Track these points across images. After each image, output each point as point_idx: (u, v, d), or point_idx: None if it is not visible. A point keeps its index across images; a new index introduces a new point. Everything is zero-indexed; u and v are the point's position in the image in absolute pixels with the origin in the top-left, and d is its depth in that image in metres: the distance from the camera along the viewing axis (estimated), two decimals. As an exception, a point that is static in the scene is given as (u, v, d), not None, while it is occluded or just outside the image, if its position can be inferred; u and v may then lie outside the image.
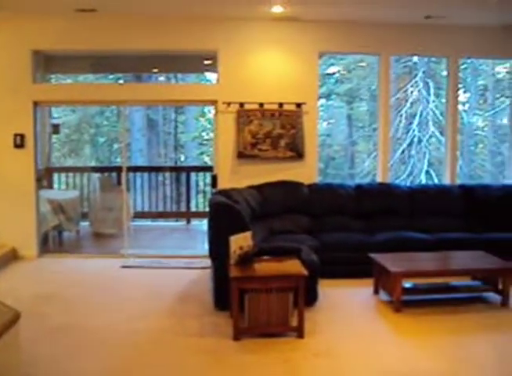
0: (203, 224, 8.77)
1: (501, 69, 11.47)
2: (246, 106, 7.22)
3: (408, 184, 8.21)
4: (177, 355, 4.25)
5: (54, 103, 8.45)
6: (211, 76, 10.28)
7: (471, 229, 6.98)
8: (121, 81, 11.45)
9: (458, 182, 7.99)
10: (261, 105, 7.23)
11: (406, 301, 5.31)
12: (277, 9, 6.69)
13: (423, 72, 11.38)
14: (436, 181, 10.65)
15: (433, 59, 10.81)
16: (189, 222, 10.42)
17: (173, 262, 7.15)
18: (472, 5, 6.48)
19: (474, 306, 5.44)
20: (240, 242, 4.71)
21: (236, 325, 4.49)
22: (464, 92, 11.87)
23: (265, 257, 4.99)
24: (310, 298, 5.13)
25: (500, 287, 5.49)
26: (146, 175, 10.42)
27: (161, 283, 6.22)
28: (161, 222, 10.54)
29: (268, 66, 7.34)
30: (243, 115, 7.22)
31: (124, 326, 4.85)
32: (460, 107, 9.13)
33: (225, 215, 5.18)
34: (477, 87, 12.06)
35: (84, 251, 8.10)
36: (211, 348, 4.34)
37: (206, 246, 5.61)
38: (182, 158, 14.74)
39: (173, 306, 5.42)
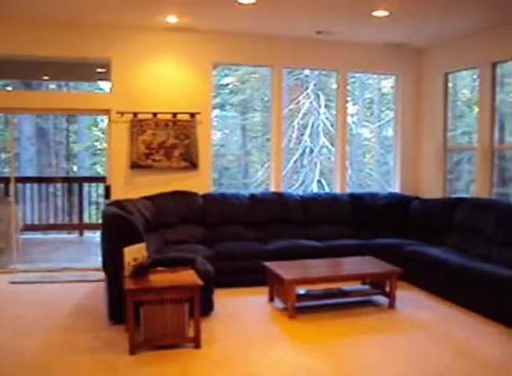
0: (97, 236, 8.57)
1: (386, 84, 12.06)
2: (140, 116, 7.15)
3: (300, 193, 8.39)
4: (69, 373, 4.09)
5: None
6: (104, 85, 10.09)
7: (360, 235, 7.32)
8: (9, 88, 10.98)
9: (348, 190, 8.34)
10: (155, 115, 7.20)
11: (300, 308, 5.48)
12: (172, 19, 6.70)
13: (315, 84, 11.73)
14: (327, 190, 10.98)
15: (323, 72, 11.18)
16: (81, 234, 10.17)
17: (65, 275, 6.95)
18: (357, 24, 6.81)
19: (364, 309, 5.69)
20: (134, 254, 4.65)
21: (131, 338, 4.42)
22: (353, 104, 12.35)
23: (160, 268, 4.95)
24: (206, 308, 5.16)
25: (387, 289, 5.77)
26: (35, 186, 10.08)
27: (53, 299, 6.00)
28: (53, 235, 10.23)
29: (162, 76, 7.32)
30: (137, 125, 7.14)
31: (11, 345, 4.62)
32: (349, 119, 9.47)
33: (119, 227, 5.09)
34: (365, 100, 12.59)
35: (-32, 267, 7.66)
36: (106, 364, 4.23)
37: (99, 258, 5.48)
38: (75, 168, 14.32)
39: (65, 322, 5.24)
